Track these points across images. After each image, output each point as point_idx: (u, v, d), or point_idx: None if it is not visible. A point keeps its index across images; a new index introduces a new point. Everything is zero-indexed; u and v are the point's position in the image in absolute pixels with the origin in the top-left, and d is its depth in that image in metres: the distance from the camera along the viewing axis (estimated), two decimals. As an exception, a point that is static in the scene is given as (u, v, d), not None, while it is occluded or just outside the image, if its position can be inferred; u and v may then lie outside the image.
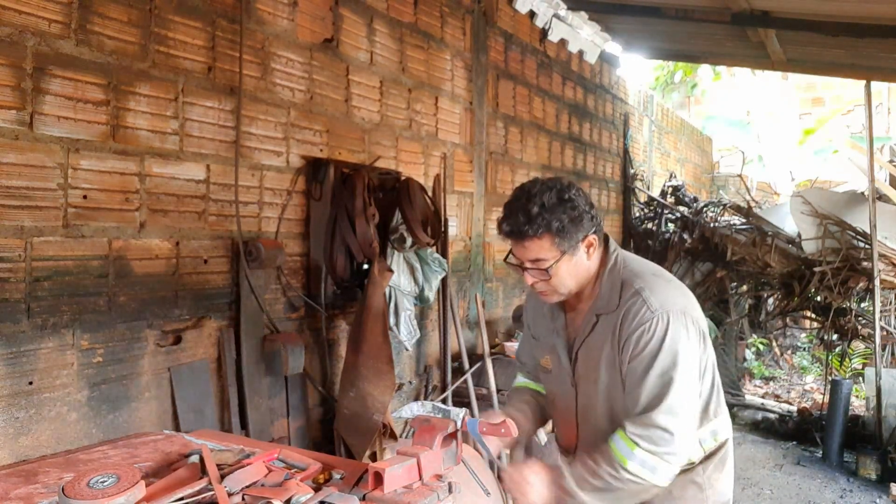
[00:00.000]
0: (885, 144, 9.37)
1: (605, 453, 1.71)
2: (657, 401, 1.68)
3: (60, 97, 2.10)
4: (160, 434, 2.05)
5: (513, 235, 1.73)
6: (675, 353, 1.70)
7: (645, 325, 1.71)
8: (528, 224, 1.69)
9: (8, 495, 1.51)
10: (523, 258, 1.76)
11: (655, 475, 1.68)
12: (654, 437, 1.67)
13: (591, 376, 1.84)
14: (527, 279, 1.78)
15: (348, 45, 3.29)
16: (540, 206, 1.69)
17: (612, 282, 1.81)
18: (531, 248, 1.72)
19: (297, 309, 3.05)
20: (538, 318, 2.03)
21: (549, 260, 1.72)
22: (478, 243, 4.52)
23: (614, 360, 1.77)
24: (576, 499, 1.71)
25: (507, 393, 3.93)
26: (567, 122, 5.89)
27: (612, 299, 1.79)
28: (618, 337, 1.76)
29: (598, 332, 1.81)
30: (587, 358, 1.84)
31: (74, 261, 2.17)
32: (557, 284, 1.77)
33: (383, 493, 1.58)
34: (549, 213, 1.69)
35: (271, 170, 2.89)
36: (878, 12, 3.96)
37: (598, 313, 1.81)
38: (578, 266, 1.78)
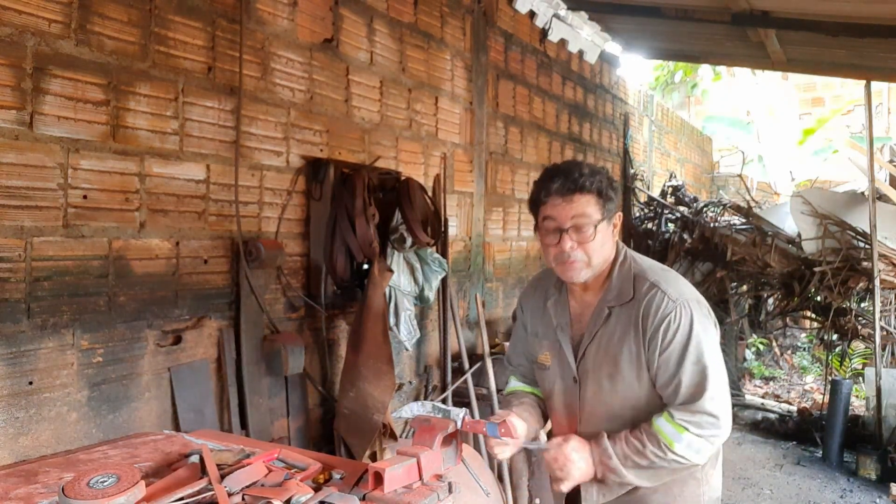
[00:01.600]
0: (885, 144, 9.37)
1: (650, 434, 1.75)
2: (700, 389, 1.73)
3: (60, 97, 2.10)
4: (160, 434, 2.05)
5: (564, 191, 1.77)
6: (702, 340, 1.75)
7: (670, 316, 1.75)
8: (581, 178, 1.76)
9: (8, 495, 1.51)
10: (566, 216, 1.77)
11: (699, 455, 1.75)
12: (701, 423, 1.72)
13: (603, 370, 1.84)
14: (563, 244, 1.77)
15: (348, 45, 3.29)
16: (589, 169, 1.80)
17: (623, 276, 1.84)
18: (578, 204, 1.76)
19: (297, 309, 3.05)
20: (537, 314, 2.04)
21: (593, 220, 1.76)
22: (478, 243, 4.52)
23: (639, 354, 1.78)
24: (619, 476, 1.77)
25: (500, 397, 3.93)
26: (567, 122, 5.89)
27: (624, 292, 1.82)
28: (641, 330, 1.78)
29: (613, 325, 1.83)
30: (599, 352, 1.85)
31: (74, 261, 2.17)
32: (591, 252, 1.78)
33: (383, 493, 1.58)
34: (594, 177, 1.78)
35: (271, 170, 2.89)
36: (878, 12, 3.96)
37: (610, 306, 1.83)
38: (606, 242, 1.82)
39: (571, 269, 1.81)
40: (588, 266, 1.81)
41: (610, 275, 1.86)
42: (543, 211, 1.82)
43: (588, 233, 1.76)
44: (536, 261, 5.44)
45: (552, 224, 1.80)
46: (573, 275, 1.82)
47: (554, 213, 1.79)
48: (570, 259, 1.79)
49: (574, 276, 1.82)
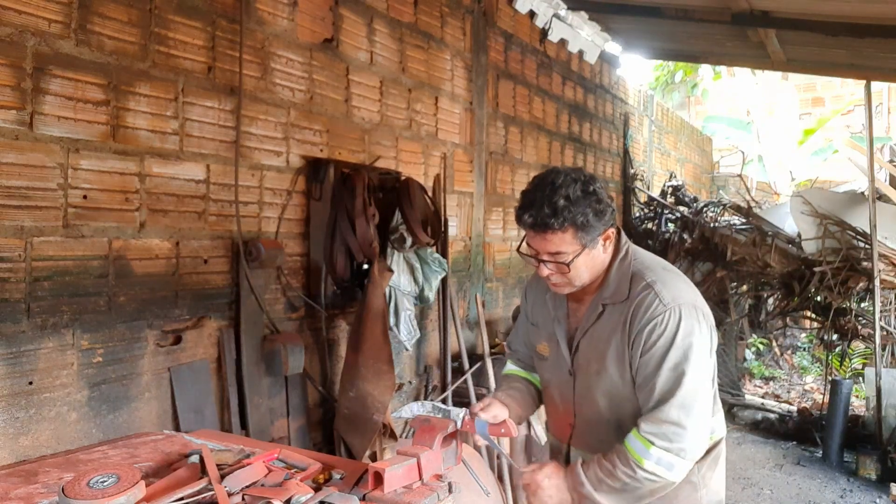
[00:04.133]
0: (885, 144, 9.37)
1: (621, 453, 1.69)
2: (669, 395, 1.66)
3: (60, 97, 2.10)
4: (160, 434, 2.05)
5: (536, 227, 1.69)
6: (687, 346, 1.68)
7: (657, 319, 1.69)
8: (553, 217, 1.65)
9: (8, 495, 1.51)
10: (542, 250, 1.72)
11: (672, 472, 1.68)
12: (667, 434, 1.65)
13: (592, 367, 1.81)
14: (541, 271, 1.75)
15: (348, 45, 3.29)
16: (565, 198, 1.65)
17: (621, 273, 1.78)
18: (552, 241, 1.69)
19: (297, 309, 3.05)
20: (538, 304, 2.01)
21: (570, 254, 1.70)
22: (478, 243, 4.52)
23: (623, 353, 1.75)
24: (592, 501, 1.71)
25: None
26: (567, 122, 5.89)
27: (620, 290, 1.77)
28: (628, 330, 1.73)
29: (605, 322, 1.79)
30: (589, 348, 1.82)
31: (74, 261, 2.17)
32: (573, 277, 1.75)
33: (383, 493, 1.58)
34: (575, 207, 1.65)
35: (271, 170, 2.89)
36: (878, 12, 3.96)
37: (605, 303, 1.79)
38: (595, 259, 1.76)
39: (556, 288, 1.82)
40: (571, 286, 1.79)
41: (608, 272, 1.81)
42: (527, 236, 1.78)
43: (567, 266, 1.72)
44: (536, 261, 5.43)
45: (532, 251, 1.77)
46: (557, 290, 1.83)
47: (531, 243, 1.75)
48: (552, 282, 1.79)
49: (559, 292, 1.84)
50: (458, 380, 3.82)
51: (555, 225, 1.65)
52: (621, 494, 1.71)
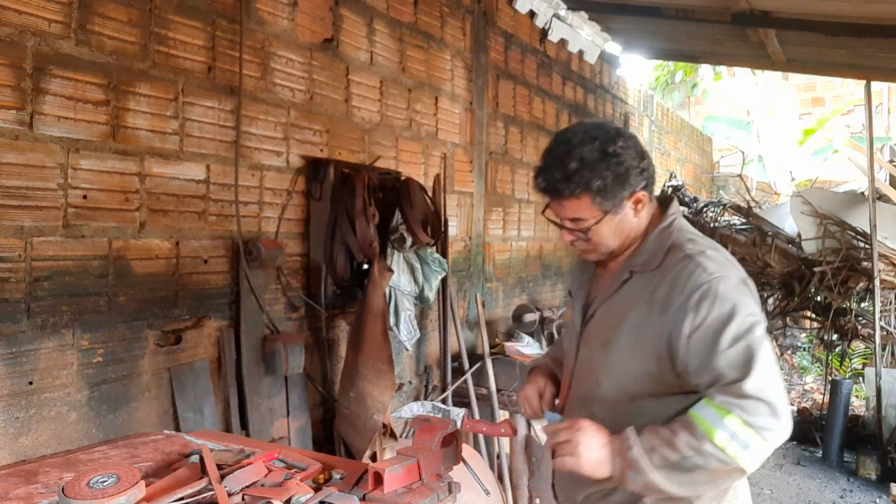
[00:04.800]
0: (885, 144, 9.36)
1: (686, 422, 1.40)
2: (742, 371, 1.37)
3: (60, 97, 2.10)
4: (160, 434, 2.05)
5: (548, 192, 1.54)
6: (745, 316, 1.42)
7: (703, 289, 1.43)
8: (564, 182, 1.48)
9: (8, 495, 1.51)
10: (561, 215, 1.57)
11: (746, 453, 1.37)
12: (747, 407, 1.36)
13: (601, 336, 1.59)
14: (564, 237, 1.60)
15: (348, 45, 3.29)
16: (579, 160, 1.47)
17: (660, 241, 1.56)
18: (569, 207, 1.53)
19: (297, 309, 3.05)
20: (577, 270, 1.88)
21: (589, 220, 1.52)
22: (478, 243, 4.52)
23: (641, 329, 1.50)
24: (639, 472, 1.40)
25: (506, 391, 3.93)
26: (567, 121, 5.89)
27: (653, 258, 1.55)
28: (660, 305, 1.48)
29: (627, 290, 1.57)
30: (604, 317, 1.61)
31: (74, 261, 2.17)
32: (598, 244, 1.58)
33: (383, 493, 1.58)
34: (590, 171, 1.47)
35: (271, 170, 2.89)
36: (878, 12, 3.96)
37: (633, 270, 1.57)
38: (623, 224, 1.56)
39: (584, 254, 1.67)
40: (597, 252, 1.61)
41: (645, 238, 1.59)
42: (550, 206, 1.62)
43: (586, 232, 1.55)
44: (536, 261, 5.44)
45: (555, 218, 1.61)
46: (586, 257, 1.68)
47: (553, 208, 1.60)
48: (577, 248, 1.63)
49: (588, 258, 1.68)
50: (458, 380, 3.82)
51: (566, 192, 1.49)
52: (675, 472, 1.40)
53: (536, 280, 5.43)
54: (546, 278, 5.60)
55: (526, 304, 4.81)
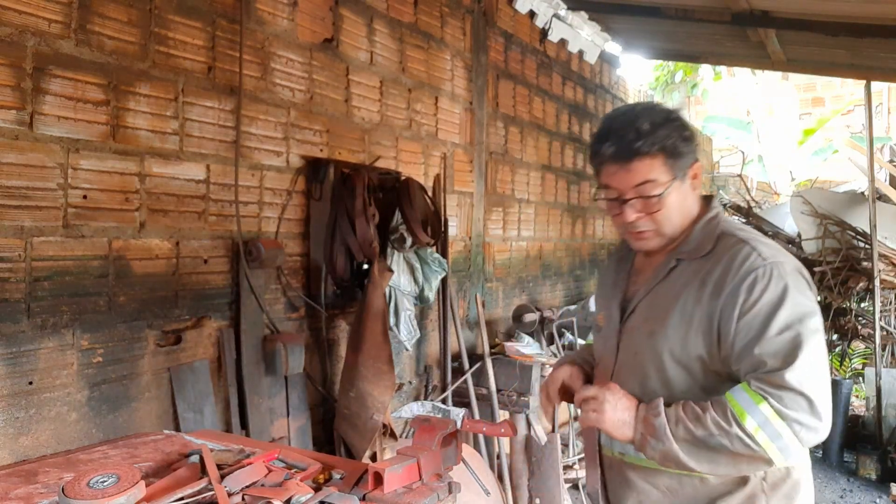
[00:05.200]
0: (885, 144, 9.36)
1: (718, 402, 1.39)
2: (785, 361, 1.35)
3: (60, 97, 2.10)
4: (160, 434, 2.05)
5: (619, 156, 1.47)
6: (798, 304, 1.39)
7: (757, 272, 1.41)
8: (638, 139, 1.44)
9: (8, 495, 1.51)
10: (627, 185, 1.48)
11: (775, 445, 1.34)
12: (785, 398, 1.33)
13: (646, 327, 1.54)
14: (626, 216, 1.51)
15: (348, 45, 3.29)
16: (649, 122, 1.46)
17: (707, 231, 1.54)
18: (640, 170, 1.46)
19: (297, 309, 3.05)
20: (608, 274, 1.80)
21: (661, 184, 1.47)
22: (478, 243, 4.52)
23: (692, 315, 1.46)
24: (660, 441, 1.40)
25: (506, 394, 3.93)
26: (567, 121, 5.89)
27: (702, 245, 1.52)
28: (713, 285, 1.44)
29: (675, 278, 1.53)
30: (650, 307, 1.55)
31: (74, 261, 2.17)
32: (663, 219, 1.51)
33: (383, 493, 1.58)
34: (662, 129, 1.46)
35: (271, 170, 2.89)
36: (878, 12, 3.96)
37: (681, 258, 1.54)
38: (685, 199, 1.53)
39: (640, 239, 1.57)
40: (659, 235, 1.54)
41: (692, 228, 1.56)
42: (601, 177, 1.55)
43: (654, 201, 1.48)
44: (536, 261, 5.44)
45: (612, 193, 1.52)
46: (643, 245, 1.58)
47: (612, 181, 1.51)
48: (636, 230, 1.54)
49: (644, 246, 1.58)
50: (458, 380, 3.82)
51: (642, 148, 1.44)
52: (697, 447, 1.39)
53: (536, 280, 5.43)
54: (546, 278, 5.60)
55: (526, 304, 4.81)
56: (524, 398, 3.78)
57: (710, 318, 1.44)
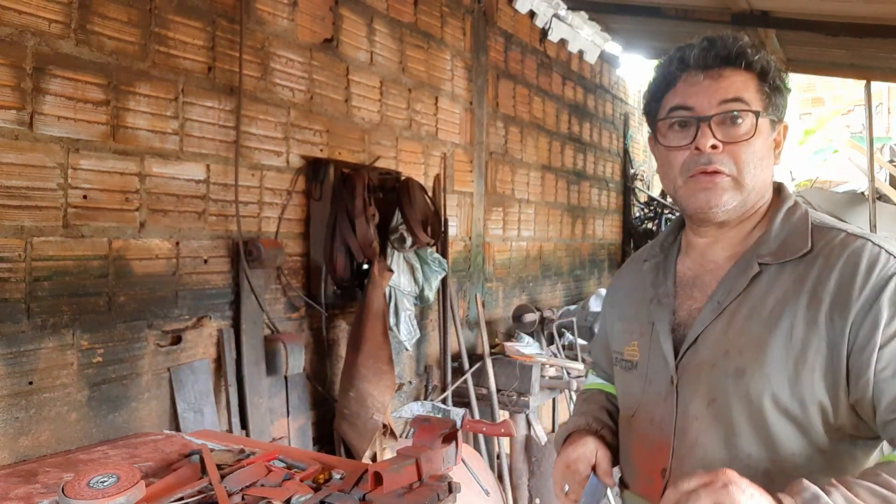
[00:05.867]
0: (885, 144, 9.37)
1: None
2: None
3: (60, 97, 2.10)
4: (160, 434, 2.05)
5: (710, 59, 1.15)
6: None
7: (894, 280, 1.02)
8: (739, 46, 1.15)
9: (8, 495, 1.51)
10: (713, 99, 1.13)
11: None
12: None
13: (727, 364, 1.10)
14: (703, 140, 1.12)
15: (348, 45, 3.29)
16: (745, 38, 1.18)
17: (791, 224, 1.17)
18: (733, 82, 1.14)
19: (297, 309, 3.05)
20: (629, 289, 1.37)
21: (753, 107, 1.14)
22: (478, 243, 4.52)
23: (805, 338, 1.05)
24: None
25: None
26: (567, 122, 5.89)
27: (792, 242, 1.13)
28: (831, 298, 1.04)
29: (764, 291, 1.11)
30: (727, 335, 1.12)
31: (74, 261, 2.17)
32: (745, 163, 1.13)
33: (383, 494, 1.58)
34: (764, 54, 1.18)
35: (271, 170, 2.89)
36: (878, 12, 3.96)
37: (764, 262, 1.13)
38: (767, 157, 1.18)
39: (711, 185, 1.13)
40: (736, 187, 1.13)
41: (768, 220, 1.19)
42: (671, 97, 1.19)
43: (743, 127, 1.13)
44: (536, 261, 5.44)
45: (685, 114, 1.15)
46: (711, 197, 1.13)
47: (690, 95, 1.15)
48: (710, 167, 1.12)
49: (713, 198, 1.13)
50: (458, 380, 3.82)
51: (745, 56, 1.14)
52: None
53: (536, 280, 5.43)
54: (546, 278, 5.60)
55: (526, 304, 4.81)
56: (524, 398, 3.78)
57: (834, 348, 1.03)
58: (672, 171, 1.17)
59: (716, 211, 1.14)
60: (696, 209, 1.16)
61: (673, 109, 1.18)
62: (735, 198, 1.14)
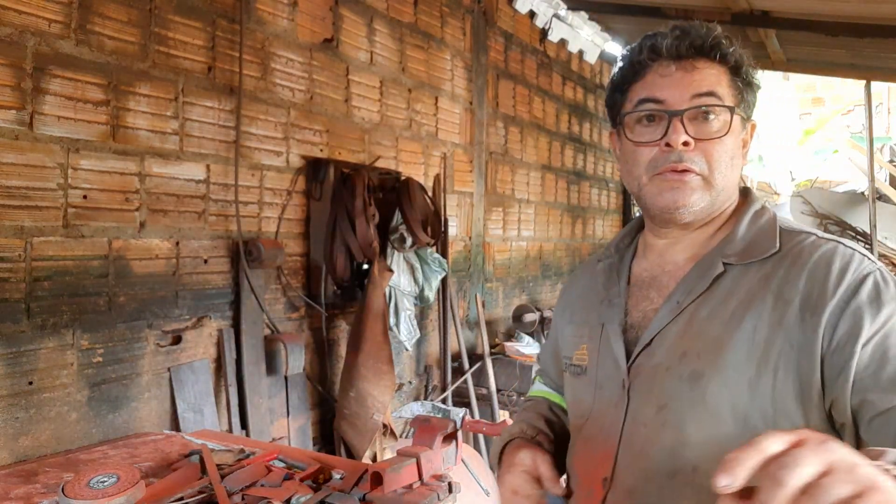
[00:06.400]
0: (885, 144, 9.37)
1: None
2: None
3: (60, 97, 2.10)
4: (160, 434, 2.05)
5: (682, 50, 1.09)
6: None
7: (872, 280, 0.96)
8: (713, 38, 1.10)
9: (8, 495, 1.51)
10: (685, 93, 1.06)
11: None
12: None
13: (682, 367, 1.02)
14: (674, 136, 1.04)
15: (348, 45, 3.29)
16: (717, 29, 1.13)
17: (759, 225, 1.10)
18: (707, 76, 1.07)
19: (297, 309, 3.05)
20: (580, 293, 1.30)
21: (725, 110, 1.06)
22: (478, 243, 4.52)
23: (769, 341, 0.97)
24: None
25: (513, 403, 3.94)
26: (567, 121, 5.89)
27: (759, 243, 1.06)
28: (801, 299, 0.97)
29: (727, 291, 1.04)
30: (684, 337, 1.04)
31: (74, 261, 2.17)
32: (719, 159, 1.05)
33: (383, 493, 1.58)
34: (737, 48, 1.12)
35: (271, 170, 2.89)
36: (878, 12, 3.96)
37: (730, 261, 1.06)
38: (736, 160, 1.09)
39: (679, 184, 1.06)
40: (706, 187, 1.06)
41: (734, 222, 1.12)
42: (639, 88, 1.11)
43: (716, 124, 1.05)
44: (536, 261, 5.44)
45: (655, 107, 1.07)
46: (679, 197, 1.06)
47: (661, 87, 1.07)
48: (680, 164, 1.05)
49: (681, 198, 1.06)
50: (458, 380, 3.82)
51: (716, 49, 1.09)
52: None
53: (536, 280, 5.43)
54: (546, 278, 5.60)
55: (526, 304, 4.81)
56: (524, 398, 3.78)
57: (804, 349, 0.95)
58: (637, 169, 1.10)
59: (683, 212, 1.07)
60: (662, 209, 1.09)
61: (641, 102, 1.10)
62: (704, 198, 1.07)
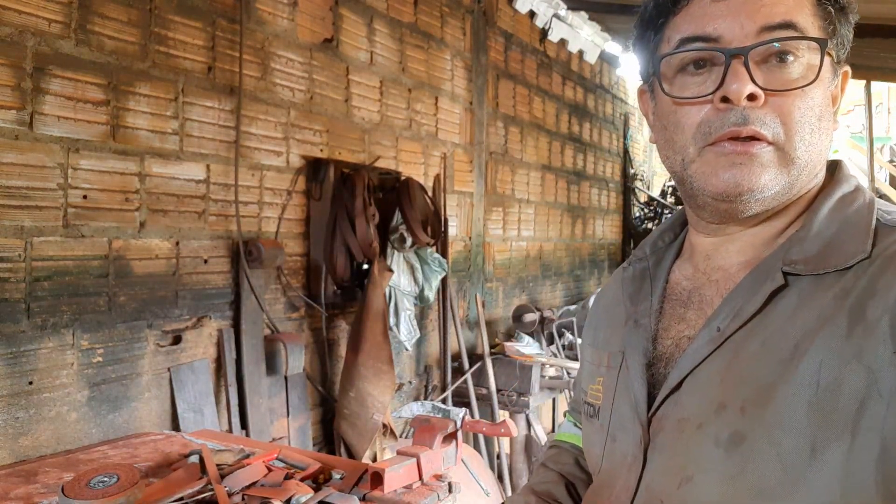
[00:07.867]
0: (885, 144, 9.38)
1: None
2: None
3: (60, 97, 2.10)
4: (160, 434, 2.05)
5: None
6: None
7: None
8: None
9: (8, 495, 1.52)
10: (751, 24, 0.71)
11: None
12: None
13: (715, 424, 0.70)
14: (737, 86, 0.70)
15: (348, 45, 3.29)
16: None
17: (843, 216, 0.75)
18: (781, 1, 0.71)
19: (297, 309, 3.05)
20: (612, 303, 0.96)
21: (811, 49, 0.72)
22: (478, 243, 4.52)
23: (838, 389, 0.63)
24: None
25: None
26: (567, 122, 5.89)
27: (839, 242, 0.72)
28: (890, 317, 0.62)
29: (783, 317, 0.70)
30: (727, 379, 0.71)
31: (74, 261, 2.17)
32: (796, 125, 0.72)
33: (383, 493, 1.58)
34: None
35: (271, 170, 2.89)
36: (878, 12, 3.96)
37: (790, 270, 0.71)
38: (825, 122, 0.76)
39: (744, 158, 0.72)
40: (783, 161, 0.73)
41: (811, 209, 0.77)
42: (680, 22, 0.76)
43: (798, 69, 0.72)
44: (536, 261, 5.44)
45: (705, 46, 0.73)
46: (744, 177, 0.72)
47: (713, 17, 0.73)
48: (745, 129, 0.71)
49: (746, 179, 0.72)
50: (458, 380, 3.82)
51: None
52: None
53: (536, 280, 5.43)
54: (546, 278, 5.60)
55: (526, 304, 4.81)
56: (524, 398, 3.78)
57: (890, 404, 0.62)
58: (680, 137, 0.75)
59: (748, 199, 0.73)
60: (717, 195, 0.74)
61: (686, 41, 0.74)
62: (779, 179, 0.73)
